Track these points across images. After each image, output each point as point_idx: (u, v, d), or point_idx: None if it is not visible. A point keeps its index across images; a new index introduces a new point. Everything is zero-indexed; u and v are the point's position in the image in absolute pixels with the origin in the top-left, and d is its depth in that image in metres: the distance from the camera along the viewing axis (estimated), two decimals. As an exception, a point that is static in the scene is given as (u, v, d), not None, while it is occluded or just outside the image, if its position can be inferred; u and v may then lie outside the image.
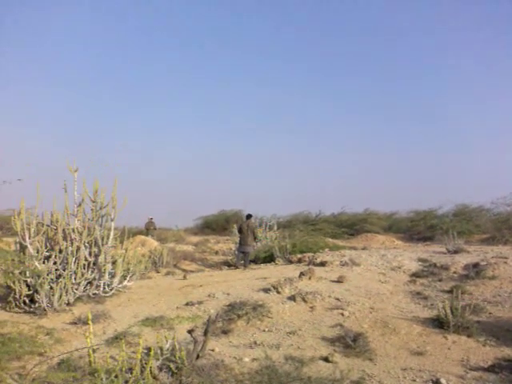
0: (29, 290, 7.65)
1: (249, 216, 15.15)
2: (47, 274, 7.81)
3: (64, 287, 7.77)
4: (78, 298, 8.25)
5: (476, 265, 11.08)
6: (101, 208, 9.01)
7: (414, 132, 71.34)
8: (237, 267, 14.19)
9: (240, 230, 14.73)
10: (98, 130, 76.67)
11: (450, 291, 9.13)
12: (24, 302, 7.59)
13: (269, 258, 15.32)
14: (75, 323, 7.04)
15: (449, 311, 7.13)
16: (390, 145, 71.92)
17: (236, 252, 15.39)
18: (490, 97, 69.89)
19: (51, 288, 7.70)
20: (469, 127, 69.28)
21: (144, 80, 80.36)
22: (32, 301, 7.65)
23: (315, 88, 78.80)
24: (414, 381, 5.37)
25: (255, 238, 14.73)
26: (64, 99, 77.28)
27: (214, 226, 32.80)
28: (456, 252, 14.20)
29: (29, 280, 7.68)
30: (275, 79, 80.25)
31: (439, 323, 7.21)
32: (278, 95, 77.93)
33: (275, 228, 19.81)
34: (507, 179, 47.76)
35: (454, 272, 11.07)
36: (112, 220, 9.09)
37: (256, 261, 15.54)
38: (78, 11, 72.17)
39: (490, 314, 7.93)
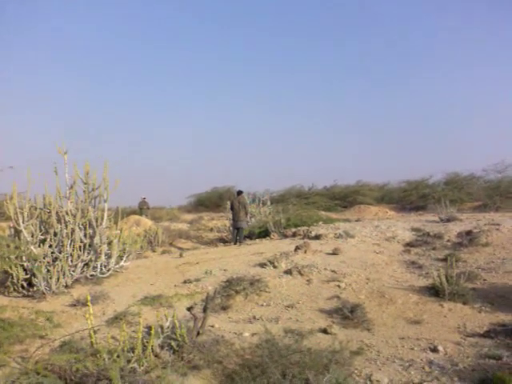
0: (26, 274, 7.64)
1: (239, 192, 15.12)
2: (43, 258, 7.80)
3: (61, 270, 7.76)
4: (76, 280, 8.26)
5: (469, 232, 11.18)
6: (93, 189, 8.95)
7: (402, 102, 70.96)
8: (234, 243, 14.25)
9: (232, 207, 14.72)
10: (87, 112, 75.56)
11: (445, 259, 9.24)
12: (22, 286, 7.58)
13: (263, 233, 15.38)
14: (74, 305, 7.06)
15: (444, 279, 7.21)
16: (379, 114, 71.60)
17: (231, 228, 15.43)
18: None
19: (48, 271, 7.70)
20: (458, 95, 69.10)
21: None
22: (30, 284, 7.64)
23: (303, 62, 77.96)
24: (412, 349, 5.46)
25: (247, 214, 14.73)
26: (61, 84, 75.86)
27: (207, 203, 32.73)
28: (449, 220, 14.33)
29: (25, 264, 7.66)
30: (261, 54, 79.22)
31: (435, 291, 7.31)
32: (267, 72, 77.07)
33: (269, 203, 19.85)
34: (498, 146, 47.94)
35: (448, 240, 11.19)
36: (105, 201, 9.05)
37: (251, 236, 15.60)
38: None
39: (484, 280, 8.05)
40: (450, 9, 68.40)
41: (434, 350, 5.38)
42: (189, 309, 5.63)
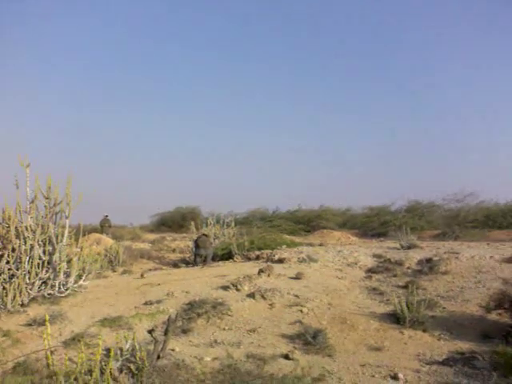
0: (-20, 291, 7.38)
1: (205, 235, 15.22)
2: (0, 274, 7.55)
3: (18, 287, 7.53)
4: (33, 299, 8.02)
5: (429, 260, 11.39)
6: (54, 205, 8.76)
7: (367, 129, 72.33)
8: (196, 265, 14.11)
9: (197, 245, 14.65)
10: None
11: (405, 286, 9.37)
12: (-25, 304, 7.32)
13: (227, 255, 15.29)
14: (30, 325, 6.84)
15: (405, 307, 7.31)
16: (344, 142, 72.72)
17: (193, 249, 15.30)
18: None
19: (4, 288, 7.45)
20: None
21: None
22: (-17, 302, 7.38)
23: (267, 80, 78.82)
24: (373, 376, 5.49)
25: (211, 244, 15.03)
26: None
27: (170, 223, 32.36)
28: (409, 248, 14.57)
29: (-20, 281, 7.40)
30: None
31: (395, 318, 7.40)
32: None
33: (233, 225, 19.79)
34: (458, 176, 49.40)
35: (408, 267, 11.36)
36: (66, 217, 8.87)
37: (214, 258, 15.50)
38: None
39: (443, 308, 8.18)
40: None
41: (395, 377, 5.43)
42: (150, 331, 5.52)
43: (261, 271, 10.31)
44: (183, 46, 74.67)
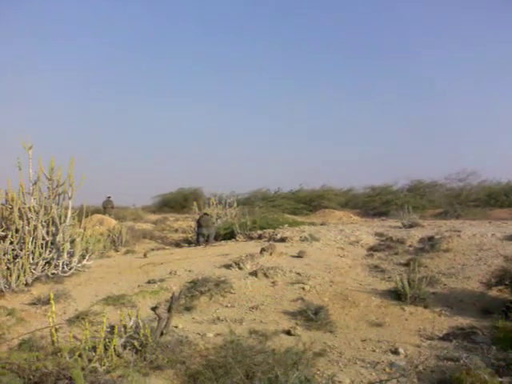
0: (-16, 270, 7.44)
1: (206, 214, 15.38)
2: (3, 254, 7.60)
3: (22, 267, 7.58)
4: (37, 279, 8.07)
5: (431, 238, 11.43)
6: (57, 186, 8.78)
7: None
8: (199, 244, 14.21)
9: (199, 225, 14.75)
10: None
11: (407, 264, 9.42)
12: (-20, 284, 7.38)
13: (229, 235, 15.35)
14: (34, 304, 6.91)
15: (406, 283, 7.37)
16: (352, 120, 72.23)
17: (196, 229, 15.37)
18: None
19: (8, 268, 7.51)
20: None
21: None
22: (-12, 282, 7.44)
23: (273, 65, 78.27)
24: (374, 351, 5.55)
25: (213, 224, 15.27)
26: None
27: (172, 203, 32.38)
28: (411, 226, 14.60)
29: (-16, 261, 7.46)
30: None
31: (397, 295, 7.46)
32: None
33: (235, 205, 19.83)
34: (461, 155, 49.18)
35: (410, 245, 11.40)
36: (69, 198, 8.88)
37: (216, 237, 15.56)
38: None
39: (444, 285, 8.24)
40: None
41: (395, 352, 5.49)
42: (153, 308, 5.60)
43: (263, 250, 10.36)
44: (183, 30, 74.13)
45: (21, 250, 7.92)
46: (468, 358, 4.95)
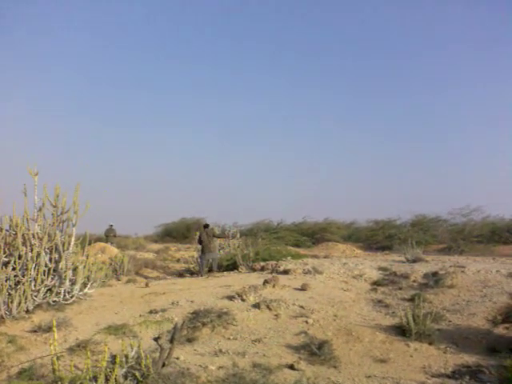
0: (-15, 297, 7.38)
1: (206, 225, 15.25)
2: (5, 281, 7.56)
3: (23, 294, 7.53)
4: (38, 306, 8.01)
5: (435, 274, 11.34)
6: (62, 213, 8.80)
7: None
8: (201, 275, 14.11)
9: (200, 240, 14.69)
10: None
11: (411, 299, 9.33)
12: (-20, 310, 7.32)
13: (231, 266, 15.26)
14: (35, 331, 6.84)
15: (411, 319, 7.27)
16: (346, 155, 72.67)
17: (199, 260, 15.29)
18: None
19: (9, 295, 7.46)
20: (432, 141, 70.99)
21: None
22: (-12, 308, 7.38)
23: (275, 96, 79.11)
24: (379, 388, 5.46)
25: (220, 237, 15.17)
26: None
27: (174, 233, 32.49)
28: (415, 261, 14.52)
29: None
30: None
31: (401, 331, 7.36)
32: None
33: (238, 236, 19.81)
34: (463, 191, 49.29)
35: (414, 281, 11.30)
36: (73, 225, 8.89)
37: (219, 268, 15.48)
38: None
39: (449, 321, 8.14)
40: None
41: (401, 389, 5.39)
42: (156, 339, 5.51)
43: (266, 282, 10.29)
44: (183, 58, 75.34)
45: (23, 277, 7.88)
46: (475, 398, 4.85)
